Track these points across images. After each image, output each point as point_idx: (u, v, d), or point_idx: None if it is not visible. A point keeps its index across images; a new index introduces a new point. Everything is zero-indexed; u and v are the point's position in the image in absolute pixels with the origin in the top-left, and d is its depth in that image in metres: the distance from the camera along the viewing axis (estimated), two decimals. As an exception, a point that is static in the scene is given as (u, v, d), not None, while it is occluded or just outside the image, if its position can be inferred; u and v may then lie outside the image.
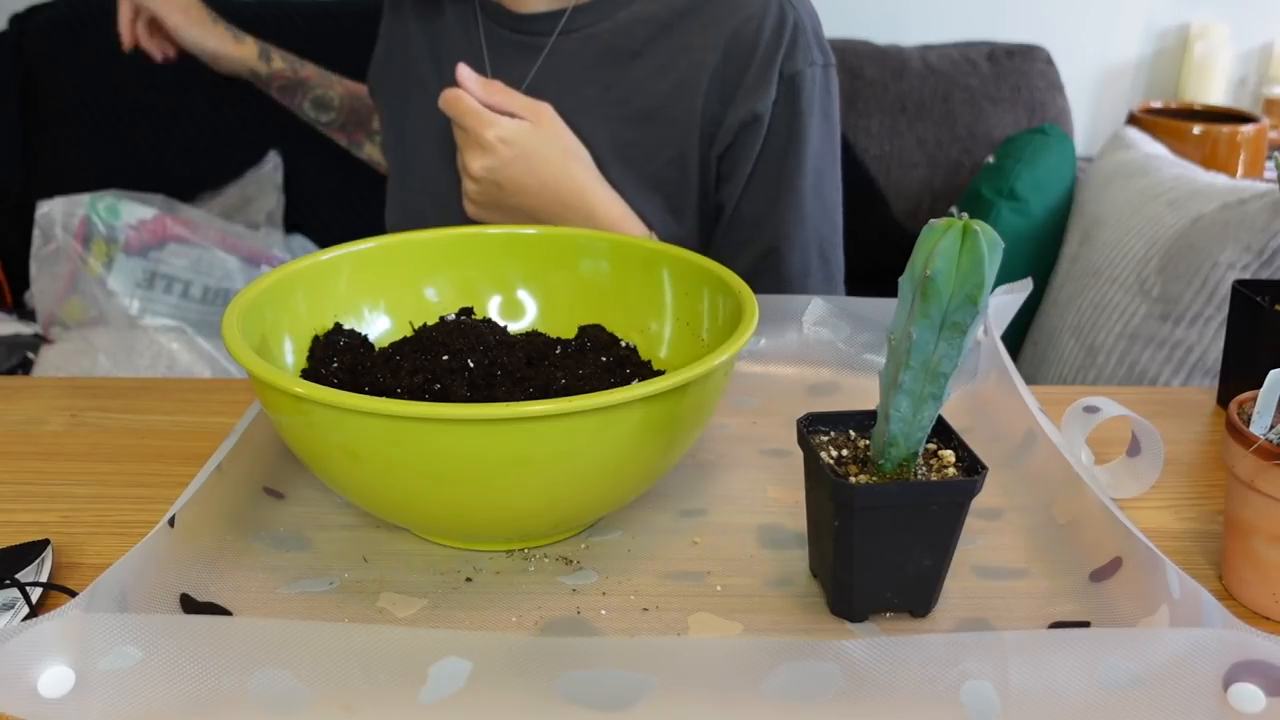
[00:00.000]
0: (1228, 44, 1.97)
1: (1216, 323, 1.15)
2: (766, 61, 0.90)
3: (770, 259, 0.95)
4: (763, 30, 0.90)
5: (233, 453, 0.62)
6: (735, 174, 0.94)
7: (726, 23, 0.91)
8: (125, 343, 1.33)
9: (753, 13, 0.91)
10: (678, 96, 0.92)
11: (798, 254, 0.95)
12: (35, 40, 1.66)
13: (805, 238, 0.95)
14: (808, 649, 0.46)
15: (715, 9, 0.92)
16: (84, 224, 1.34)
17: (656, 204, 0.94)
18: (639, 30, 0.93)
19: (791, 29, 0.91)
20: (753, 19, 0.91)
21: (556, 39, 0.94)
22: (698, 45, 0.91)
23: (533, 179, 0.86)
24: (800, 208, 0.94)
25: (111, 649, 0.45)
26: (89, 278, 1.34)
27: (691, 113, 0.92)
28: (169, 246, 1.38)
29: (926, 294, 0.47)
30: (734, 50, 0.91)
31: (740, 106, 0.91)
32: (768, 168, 0.93)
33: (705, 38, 0.91)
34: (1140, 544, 0.54)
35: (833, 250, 0.99)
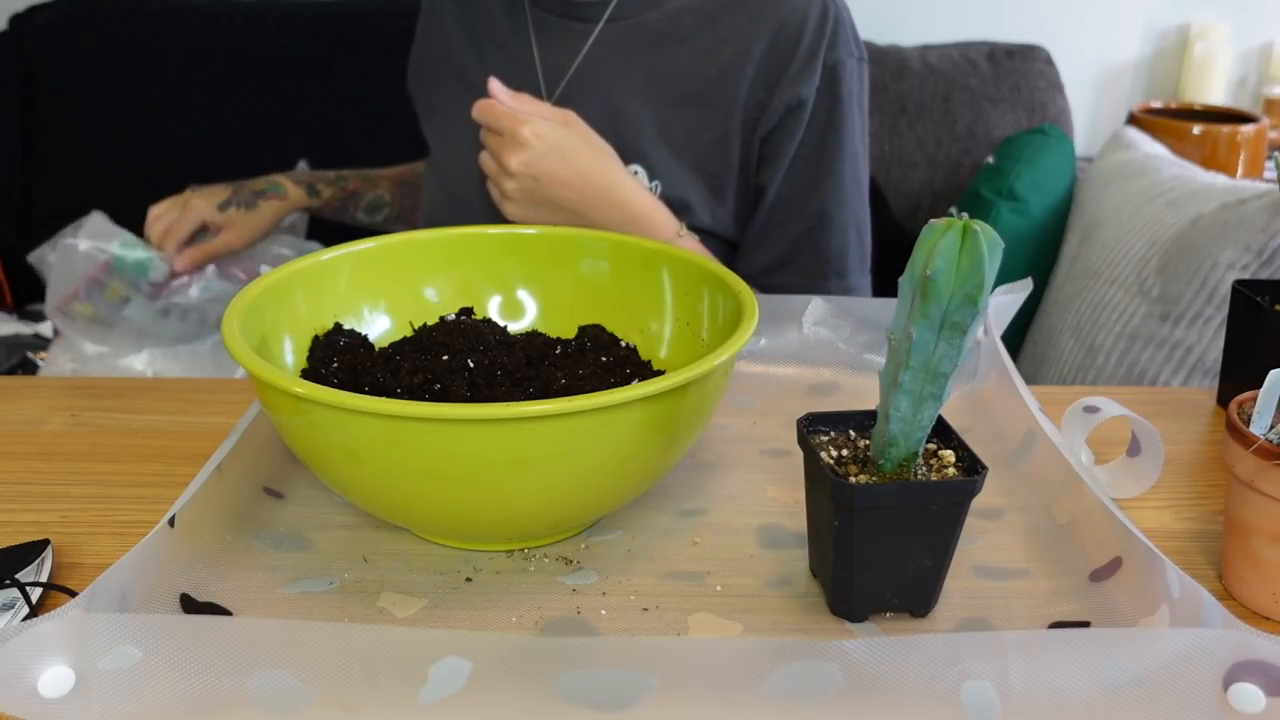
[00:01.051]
0: (1228, 44, 1.97)
1: (1216, 323, 1.15)
2: (811, 51, 0.95)
3: (811, 237, 1.00)
4: (807, 22, 0.95)
5: (233, 453, 0.62)
6: (778, 157, 0.98)
7: (772, 14, 0.96)
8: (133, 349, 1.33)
9: (798, 5, 0.96)
10: (721, 82, 0.96)
11: (837, 233, 1.00)
12: (35, 40, 1.66)
13: (844, 218, 1.00)
14: (808, 649, 0.46)
15: (761, 1, 0.96)
16: (106, 266, 1.34)
17: (699, 184, 0.98)
18: (686, 19, 0.97)
19: (834, 22, 0.96)
20: (798, 11, 0.95)
21: (604, 26, 0.98)
22: (743, 34, 0.96)
23: (568, 170, 0.88)
24: (840, 190, 0.99)
25: (111, 649, 0.45)
26: (103, 299, 1.34)
27: (734, 97, 0.96)
28: (190, 290, 1.38)
29: (926, 294, 0.47)
30: (779, 40, 0.95)
31: (785, 92, 0.95)
32: (810, 152, 0.98)
33: (751, 27, 0.96)
34: (1140, 544, 0.54)
35: (866, 231, 1.04)
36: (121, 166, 1.66)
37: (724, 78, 0.96)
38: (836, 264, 1.01)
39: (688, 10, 0.97)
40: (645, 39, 0.97)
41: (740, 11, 0.96)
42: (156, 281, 1.34)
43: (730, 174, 0.98)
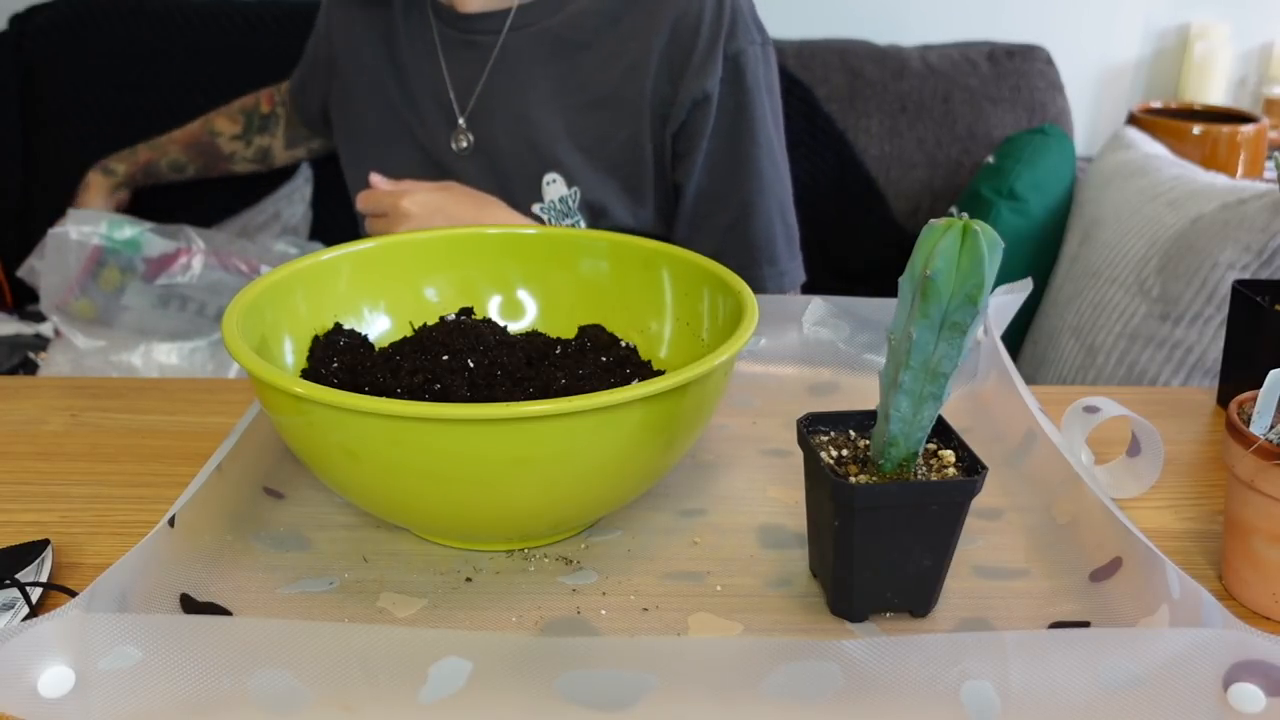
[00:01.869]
0: (1228, 44, 1.96)
1: (1216, 323, 1.15)
2: (711, 43, 0.96)
3: (738, 228, 1.00)
4: (704, 13, 0.96)
5: (233, 453, 0.62)
6: (691, 151, 0.98)
7: (669, 9, 0.96)
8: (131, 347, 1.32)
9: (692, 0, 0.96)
10: (627, 82, 0.97)
11: (762, 220, 1.01)
12: (35, 40, 1.66)
13: (768, 205, 1.01)
14: (808, 649, 0.46)
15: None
16: (98, 251, 1.34)
17: (615, 187, 0.99)
18: (587, 23, 0.97)
19: (730, 12, 0.97)
20: (693, 4, 0.96)
21: (506, 36, 0.98)
22: (644, 32, 0.96)
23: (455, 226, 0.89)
24: (760, 178, 1.00)
25: (111, 649, 0.45)
26: (99, 291, 1.34)
27: (641, 96, 0.97)
28: (190, 271, 1.38)
29: (926, 294, 0.47)
30: (679, 33, 0.96)
31: (690, 86, 0.96)
32: (723, 143, 0.99)
33: (650, 25, 0.96)
34: (1140, 544, 0.54)
35: (791, 215, 1.05)
36: (121, 167, 1.65)
37: (630, 77, 0.97)
38: (766, 251, 1.02)
39: (587, 13, 0.97)
40: (548, 46, 0.98)
41: (638, 9, 0.97)
42: (151, 257, 1.34)
43: (646, 173, 0.99)
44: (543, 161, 0.98)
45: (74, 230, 1.32)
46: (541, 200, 0.99)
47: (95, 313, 1.35)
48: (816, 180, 1.70)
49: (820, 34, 1.79)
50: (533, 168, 0.99)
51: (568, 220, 1.00)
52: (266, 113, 1.31)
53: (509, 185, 0.99)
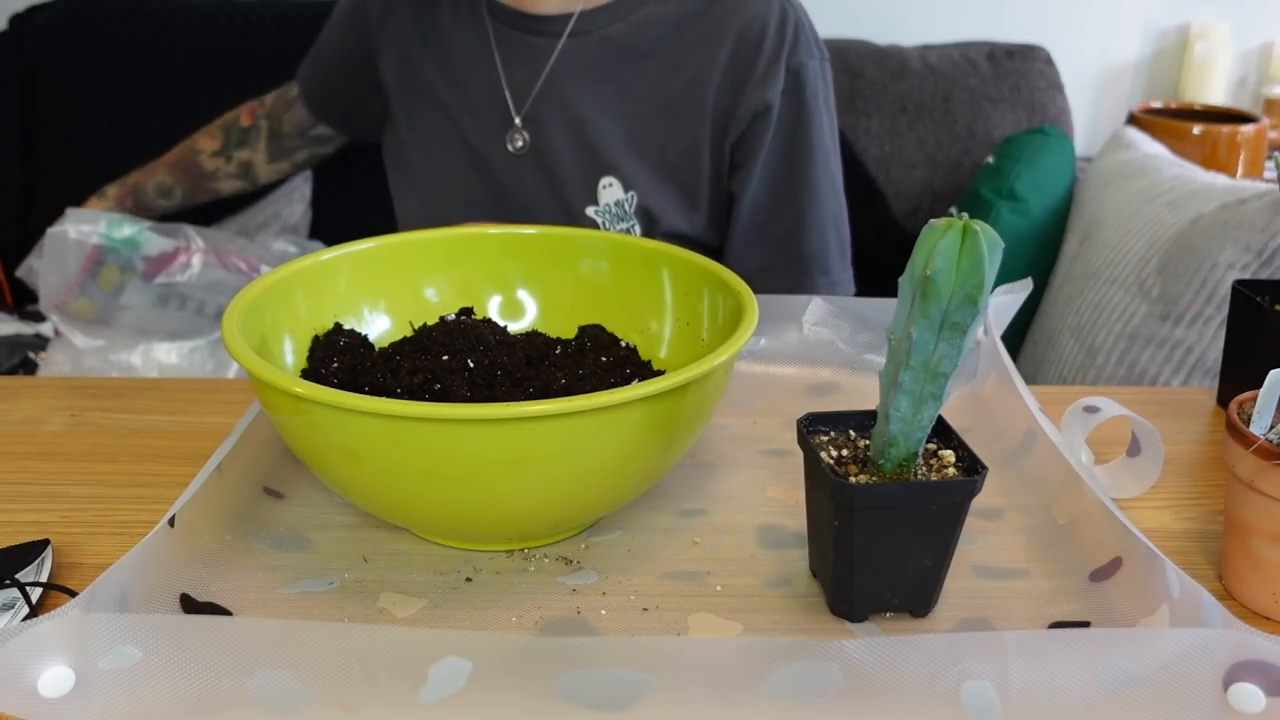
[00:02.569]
0: (1228, 44, 1.96)
1: (1216, 323, 1.15)
2: (774, 56, 0.97)
3: (792, 239, 1.01)
4: (768, 28, 0.97)
5: (233, 453, 0.62)
6: (749, 161, 0.99)
7: (734, 22, 0.97)
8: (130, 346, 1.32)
9: (758, 12, 0.97)
10: (689, 91, 0.97)
11: (816, 232, 1.01)
12: (35, 40, 1.66)
13: (822, 217, 1.01)
14: (808, 649, 0.46)
15: (723, 10, 0.98)
16: (97, 250, 1.34)
17: (672, 193, 0.99)
18: (651, 31, 0.98)
19: (794, 26, 0.99)
20: (758, 18, 0.97)
21: (567, 40, 0.98)
22: (707, 43, 0.97)
23: None
24: (814, 189, 1.00)
25: (111, 649, 0.45)
26: (99, 290, 1.34)
27: (703, 105, 0.97)
28: (189, 270, 1.38)
29: (926, 294, 0.47)
30: (742, 46, 0.97)
31: (751, 97, 0.97)
32: (781, 155, 0.99)
33: (714, 36, 0.97)
34: (1140, 544, 0.54)
35: (845, 226, 1.06)
36: (121, 166, 1.65)
37: (692, 87, 0.97)
38: (819, 262, 1.02)
39: (651, 22, 0.98)
40: (611, 52, 0.98)
41: (703, 21, 0.98)
42: (150, 256, 1.33)
43: (703, 181, 1.00)
44: (600, 165, 0.98)
45: (73, 229, 1.32)
46: (596, 203, 0.99)
47: (94, 312, 1.35)
48: (816, 180, 1.70)
49: (820, 34, 1.78)
50: (589, 170, 0.99)
51: (622, 225, 1.00)
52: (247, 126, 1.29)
53: (564, 187, 0.99)
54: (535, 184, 1.00)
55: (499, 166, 1.01)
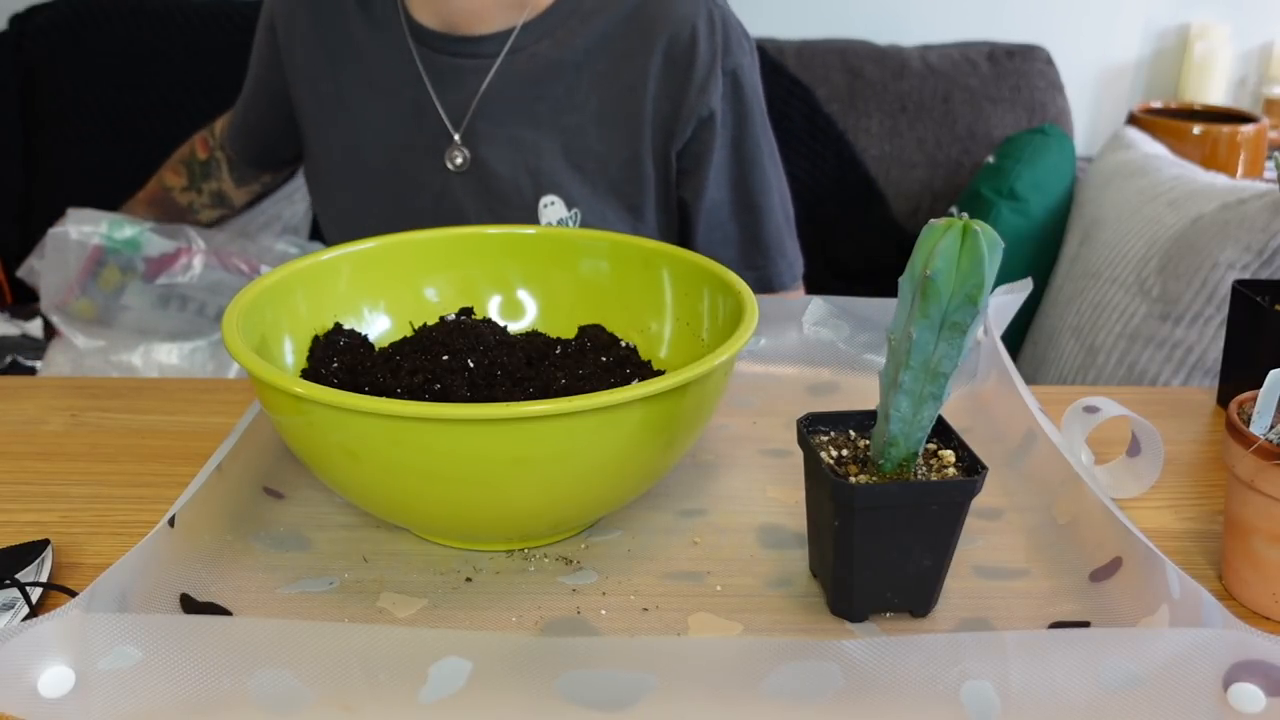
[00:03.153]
0: (1228, 44, 1.96)
1: (1216, 323, 1.15)
2: (709, 61, 0.97)
3: (749, 231, 1.03)
4: (698, 31, 0.96)
5: (233, 453, 0.62)
6: (698, 167, 1.00)
7: (662, 26, 0.96)
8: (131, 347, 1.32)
9: (685, 14, 0.97)
10: (625, 101, 0.97)
11: (771, 220, 1.03)
12: (35, 40, 1.66)
13: (773, 203, 1.04)
14: (808, 649, 0.46)
15: (649, 15, 0.97)
16: (98, 251, 1.34)
17: (615, 205, 0.99)
18: (579, 43, 0.97)
19: (722, 26, 0.98)
20: (686, 21, 0.96)
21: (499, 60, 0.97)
22: (638, 50, 0.96)
23: None
24: (764, 180, 1.02)
25: (111, 649, 0.45)
26: (99, 290, 1.34)
27: (640, 114, 0.97)
28: (190, 271, 1.37)
29: (926, 294, 0.47)
30: (674, 51, 0.96)
31: (693, 104, 0.97)
32: (730, 155, 1.00)
33: (644, 43, 0.96)
34: (1140, 544, 0.54)
35: (788, 199, 1.08)
36: (121, 166, 1.65)
37: (627, 97, 0.97)
38: (777, 246, 1.05)
39: (579, 35, 0.97)
40: (543, 69, 0.97)
41: (629, 28, 0.97)
42: (151, 257, 1.33)
43: (647, 191, 1.00)
44: (540, 184, 0.98)
45: (74, 230, 1.32)
46: (538, 224, 0.98)
47: (95, 313, 1.35)
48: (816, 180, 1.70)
49: (820, 34, 1.79)
50: (529, 190, 0.98)
51: None
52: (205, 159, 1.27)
53: (504, 208, 0.99)
54: (474, 205, 0.99)
55: (434, 188, 1.00)
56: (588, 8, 0.97)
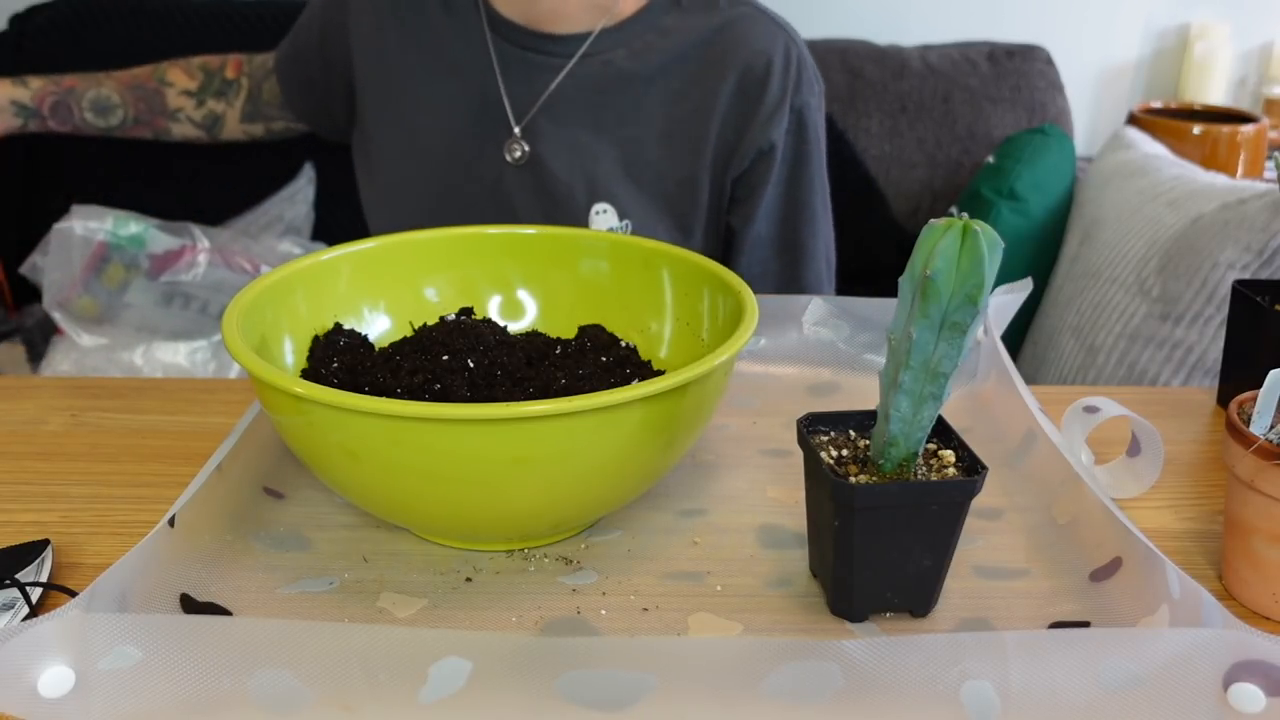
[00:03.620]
0: (1228, 44, 1.97)
1: (1216, 323, 1.15)
2: (779, 97, 0.98)
3: (791, 270, 1.04)
4: (773, 66, 0.97)
5: (233, 453, 0.62)
6: (751, 197, 1.00)
7: (739, 55, 0.97)
8: (133, 346, 1.32)
9: (763, 48, 0.97)
10: (691, 121, 0.98)
11: (814, 263, 1.04)
12: (35, 40, 1.66)
13: (817, 247, 1.04)
14: (808, 649, 0.46)
15: (727, 42, 0.98)
16: (102, 247, 1.33)
17: (667, 223, 1.00)
18: (655, 58, 0.98)
19: (797, 64, 0.99)
20: (763, 54, 0.97)
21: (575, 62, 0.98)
22: (711, 75, 0.97)
23: None
24: (814, 222, 1.03)
25: (111, 649, 0.45)
26: (102, 288, 1.33)
27: (704, 136, 0.98)
28: (194, 269, 1.37)
29: (926, 294, 0.47)
30: (747, 82, 0.97)
31: (756, 136, 0.98)
32: (783, 191, 1.01)
33: (719, 68, 0.97)
34: (1140, 544, 0.54)
35: (832, 248, 1.08)
36: (122, 166, 1.66)
37: (693, 118, 0.97)
38: (815, 289, 1.05)
39: (655, 50, 0.98)
40: (614, 77, 0.98)
41: (707, 52, 0.98)
42: (156, 254, 1.32)
43: (699, 212, 1.00)
44: (594, 191, 0.98)
45: (79, 225, 1.32)
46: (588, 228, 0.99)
47: (98, 311, 1.35)
48: (816, 180, 1.70)
49: (820, 34, 1.79)
50: (583, 196, 0.98)
51: None
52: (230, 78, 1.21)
53: (556, 209, 0.99)
54: (525, 201, 0.99)
55: (489, 178, 1.01)
56: (667, 25, 0.98)
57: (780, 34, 0.99)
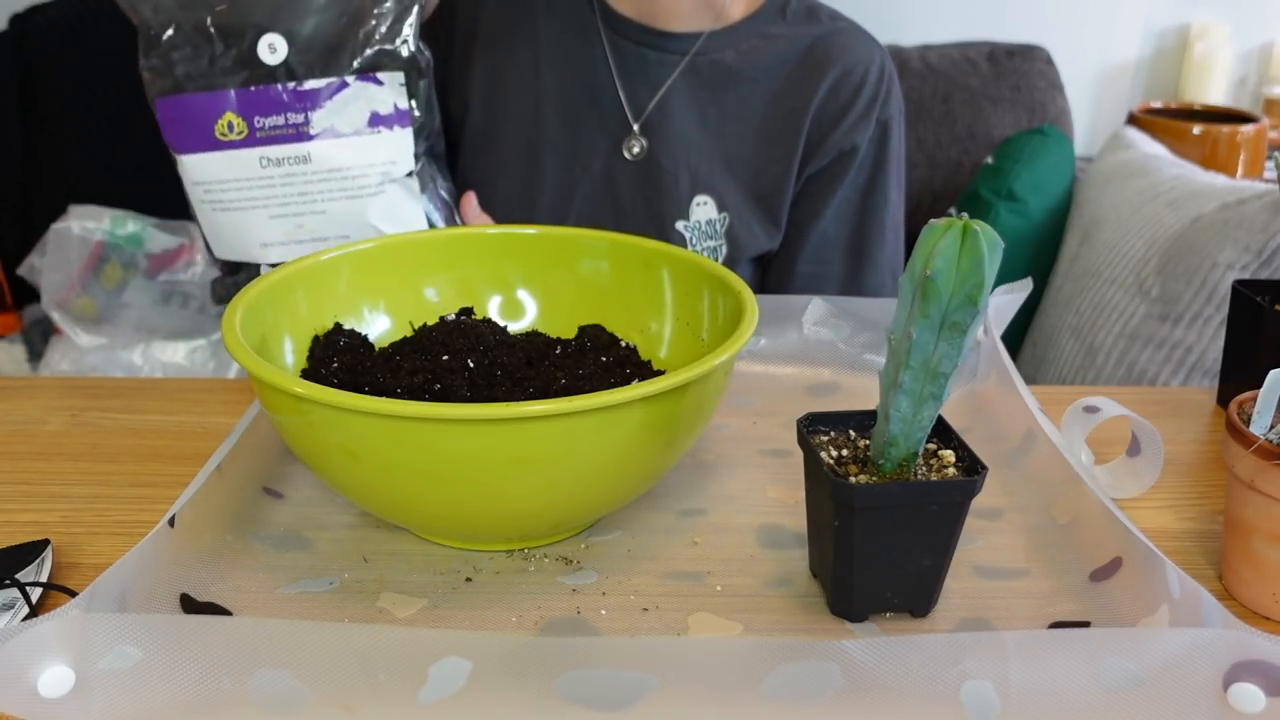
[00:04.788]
0: (1228, 44, 1.97)
1: (1216, 323, 1.15)
2: (869, 104, 1.02)
3: (855, 278, 1.06)
4: (869, 75, 1.02)
5: (233, 453, 0.62)
6: (823, 194, 1.03)
7: (839, 62, 1.02)
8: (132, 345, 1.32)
9: (861, 58, 1.02)
10: (788, 121, 1.01)
11: (876, 273, 1.06)
12: (35, 40, 1.66)
13: (883, 258, 1.06)
14: (808, 649, 0.46)
15: (828, 49, 1.02)
16: (100, 247, 1.33)
17: (760, 215, 1.03)
18: (760, 60, 1.02)
19: (889, 80, 1.04)
20: (860, 64, 1.02)
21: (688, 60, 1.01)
22: (811, 79, 1.01)
23: None
24: (883, 234, 1.05)
25: (111, 649, 0.45)
26: (101, 287, 1.33)
27: (797, 135, 1.01)
28: (192, 268, 1.37)
29: (926, 294, 0.47)
30: (841, 87, 1.02)
31: (840, 137, 1.01)
32: (857, 195, 1.04)
33: (818, 73, 1.01)
34: (1140, 544, 0.54)
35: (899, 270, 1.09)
36: (121, 166, 1.66)
37: (790, 118, 1.01)
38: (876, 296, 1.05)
39: (762, 53, 1.02)
40: (723, 76, 1.02)
41: (810, 56, 1.02)
42: (154, 253, 1.32)
43: (784, 207, 1.04)
44: (697, 183, 1.01)
45: (76, 225, 1.32)
46: (687, 219, 1.01)
47: (96, 310, 1.35)
48: (816, 180, 1.69)
49: (820, 34, 1.78)
50: (686, 189, 1.01)
51: (710, 243, 1.02)
52: None
53: (660, 199, 1.01)
54: (631, 194, 1.02)
55: (603, 172, 1.03)
56: (773, 31, 1.03)
57: (877, 50, 1.04)
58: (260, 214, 0.78)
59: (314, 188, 0.78)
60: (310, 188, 0.77)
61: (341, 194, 0.78)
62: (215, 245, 0.82)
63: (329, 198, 0.78)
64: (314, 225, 0.79)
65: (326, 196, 0.78)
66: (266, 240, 0.79)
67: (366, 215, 0.78)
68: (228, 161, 0.77)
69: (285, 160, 0.77)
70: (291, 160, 0.77)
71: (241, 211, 0.78)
